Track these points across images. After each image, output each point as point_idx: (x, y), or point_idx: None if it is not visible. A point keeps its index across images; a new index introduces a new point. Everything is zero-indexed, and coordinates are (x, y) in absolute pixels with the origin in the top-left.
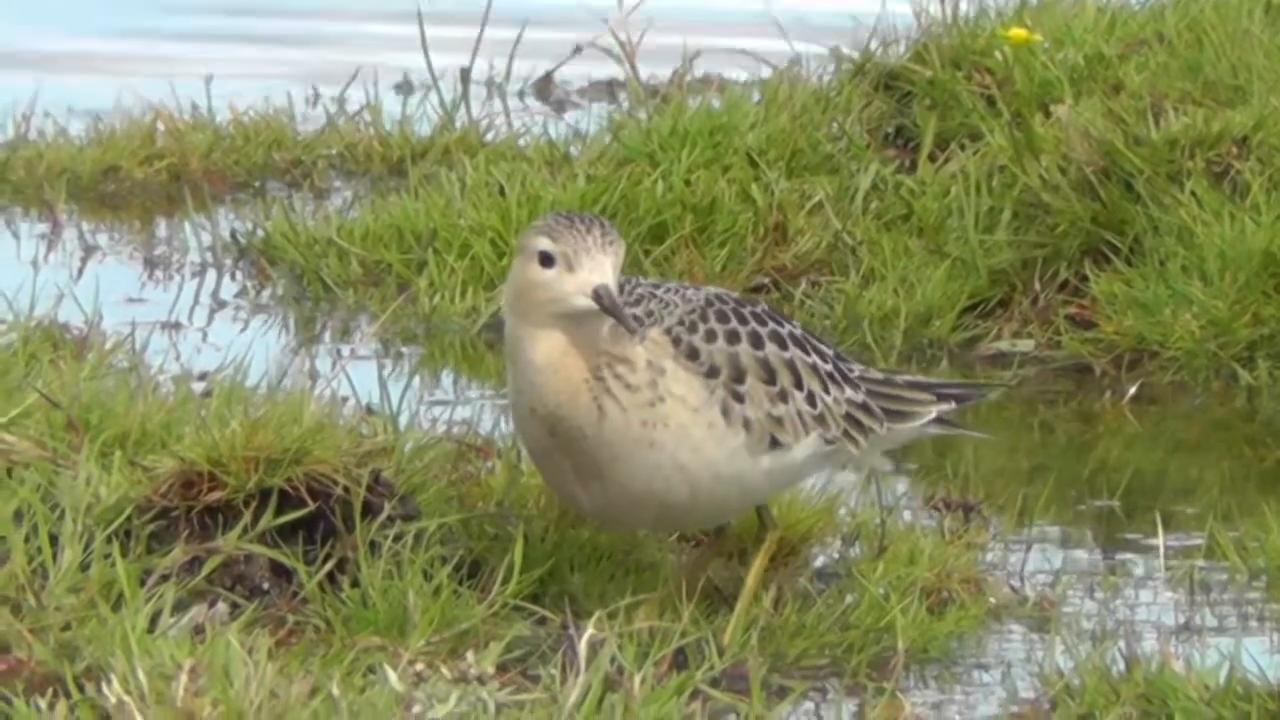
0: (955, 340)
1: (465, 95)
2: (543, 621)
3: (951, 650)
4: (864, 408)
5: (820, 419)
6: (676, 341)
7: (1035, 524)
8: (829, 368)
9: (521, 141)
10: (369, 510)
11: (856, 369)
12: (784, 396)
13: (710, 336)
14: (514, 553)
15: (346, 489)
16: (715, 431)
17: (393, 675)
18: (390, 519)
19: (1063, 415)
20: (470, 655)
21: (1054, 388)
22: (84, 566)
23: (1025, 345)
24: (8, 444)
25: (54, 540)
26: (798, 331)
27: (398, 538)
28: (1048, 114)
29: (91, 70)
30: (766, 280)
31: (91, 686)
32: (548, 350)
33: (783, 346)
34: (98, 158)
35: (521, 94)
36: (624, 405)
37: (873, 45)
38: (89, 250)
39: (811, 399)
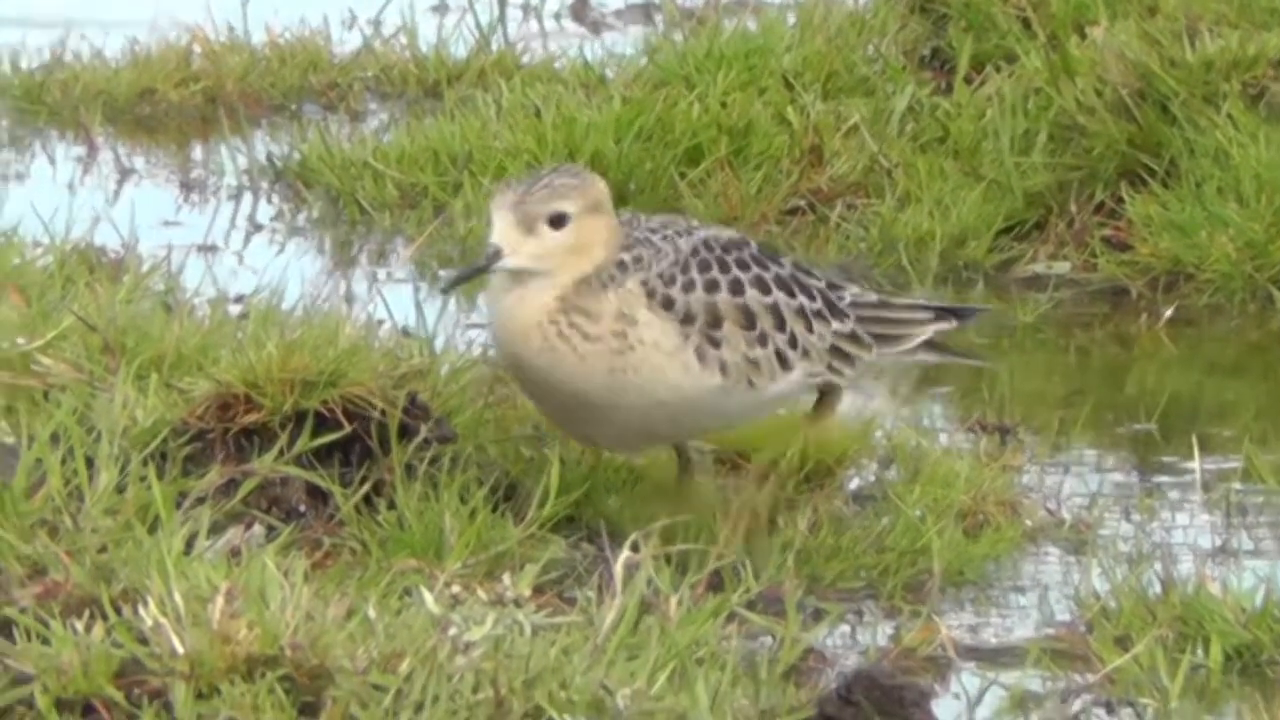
0: (990, 263)
1: (501, 17)
2: (578, 544)
3: (987, 573)
4: (851, 337)
5: (805, 354)
6: (651, 294)
7: (1072, 447)
8: (816, 304)
9: (557, 64)
10: (405, 433)
11: (849, 295)
12: (763, 340)
13: (689, 286)
14: (550, 475)
15: (383, 411)
16: (690, 373)
17: (429, 597)
18: (426, 441)
19: (1099, 338)
20: (506, 578)
21: (1090, 310)
22: (120, 489)
23: (1061, 268)
24: (44, 367)
25: (90, 463)
26: (784, 272)
27: (434, 460)
28: (1083, 36)
29: None
30: (802, 203)
31: (128, 609)
32: (506, 299)
33: (764, 291)
34: (133, 80)
35: (558, 16)
36: (581, 353)
37: None
38: (125, 173)
39: (794, 340)
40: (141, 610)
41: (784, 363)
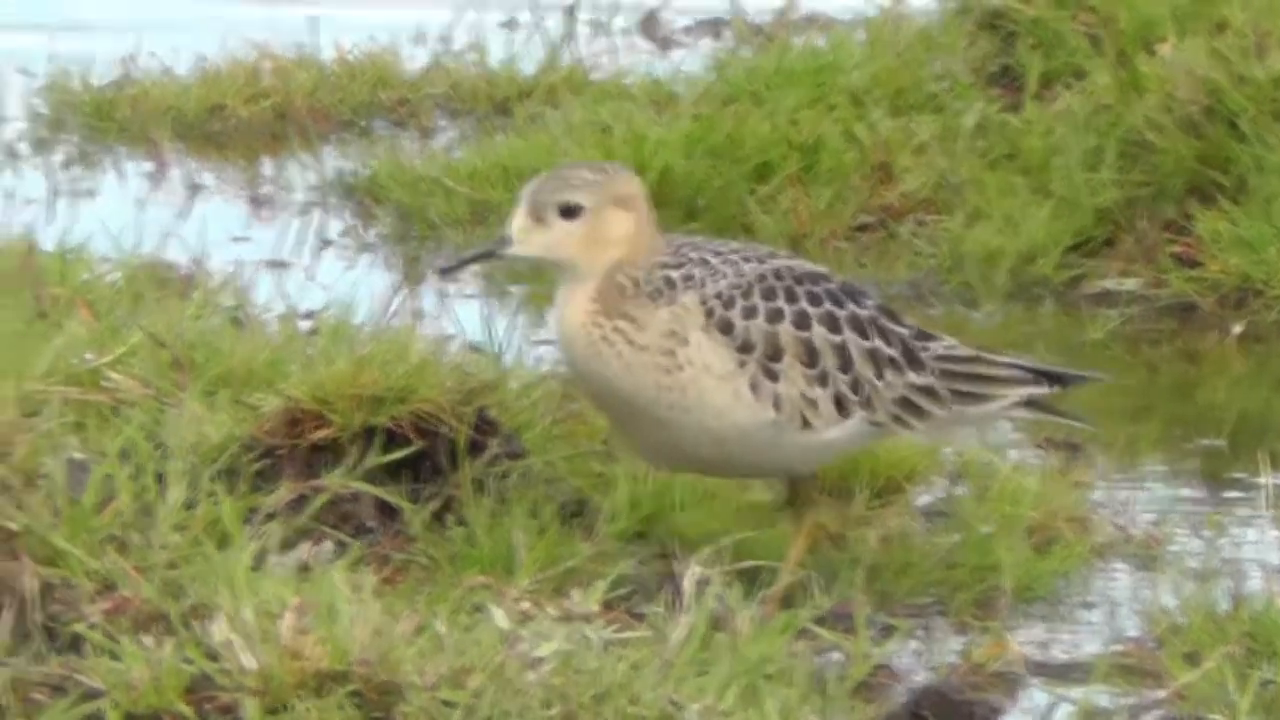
0: (1060, 279)
1: (571, 33)
2: (648, 560)
3: (1057, 589)
4: (926, 391)
5: (866, 403)
6: (710, 313)
7: (1141, 462)
8: (893, 351)
9: (627, 80)
10: (474, 448)
11: (938, 347)
12: (824, 379)
13: (749, 313)
14: (619, 491)
15: (452, 427)
16: (742, 401)
17: (498, 613)
18: (495, 457)
19: (1167, 354)
20: (575, 593)
21: (1158, 326)
22: (189, 505)
23: (1130, 284)
24: (113, 383)
25: (159, 479)
26: (863, 313)
27: (503, 476)
28: (1152, 53)
29: (197, 7)
30: (871, 219)
31: (197, 624)
32: (559, 300)
33: (834, 330)
34: (203, 96)
35: (627, 32)
36: (627, 361)
37: None
38: (194, 189)
39: (857, 385)
40: (211, 626)
41: (842, 407)
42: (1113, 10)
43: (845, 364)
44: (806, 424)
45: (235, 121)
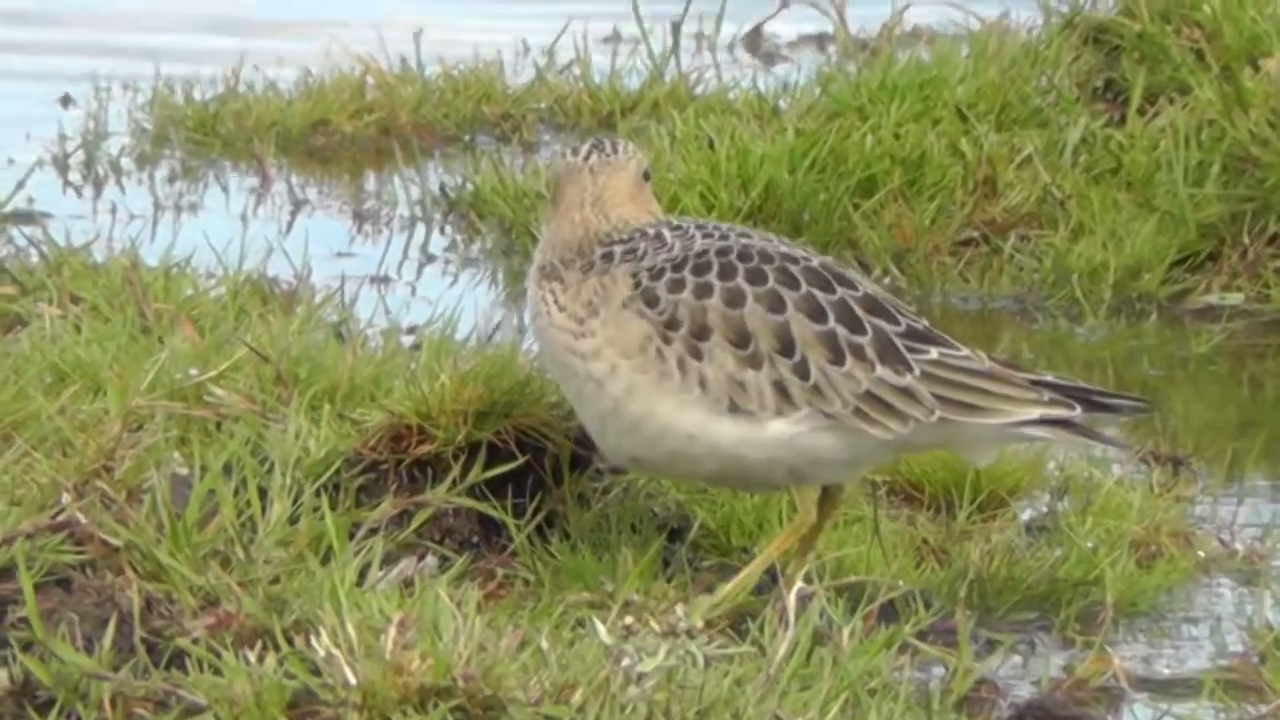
0: (1164, 294)
1: (675, 48)
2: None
3: (1160, 604)
4: (904, 392)
5: (815, 390)
6: (637, 284)
7: (1245, 477)
8: (861, 340)
9: (731, 95)
10: (577, 463)
11: (935, 352)
12: (755, 361)
13: (675, 286)
14: (721, 506)
15: (555, 442)
16: (664, 384)
17: (602, 628)
18: (599, 472)
19: (1271, 368)
20: (679, 609)
21: (1263, 341)
22: (293, 520)
23: (1234, 299)
24: (217, 398)
25: (263, 494)
26: (831, 298)
27: (606, 491)
28: (1256, 68)
29: (302, 22)
30: (975, 234)
31: (300, 639)
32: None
33: (777, 310)
34: (307, 111)
35: (731, 47)
36: (554, 323)
37: None
38: (298, 204)
39: (804, 369)
40: (314, 641)
41: (785, 395)
42: (1218, 25)
43: (786, 348)
44: (736, 408)
45: (339, 136)
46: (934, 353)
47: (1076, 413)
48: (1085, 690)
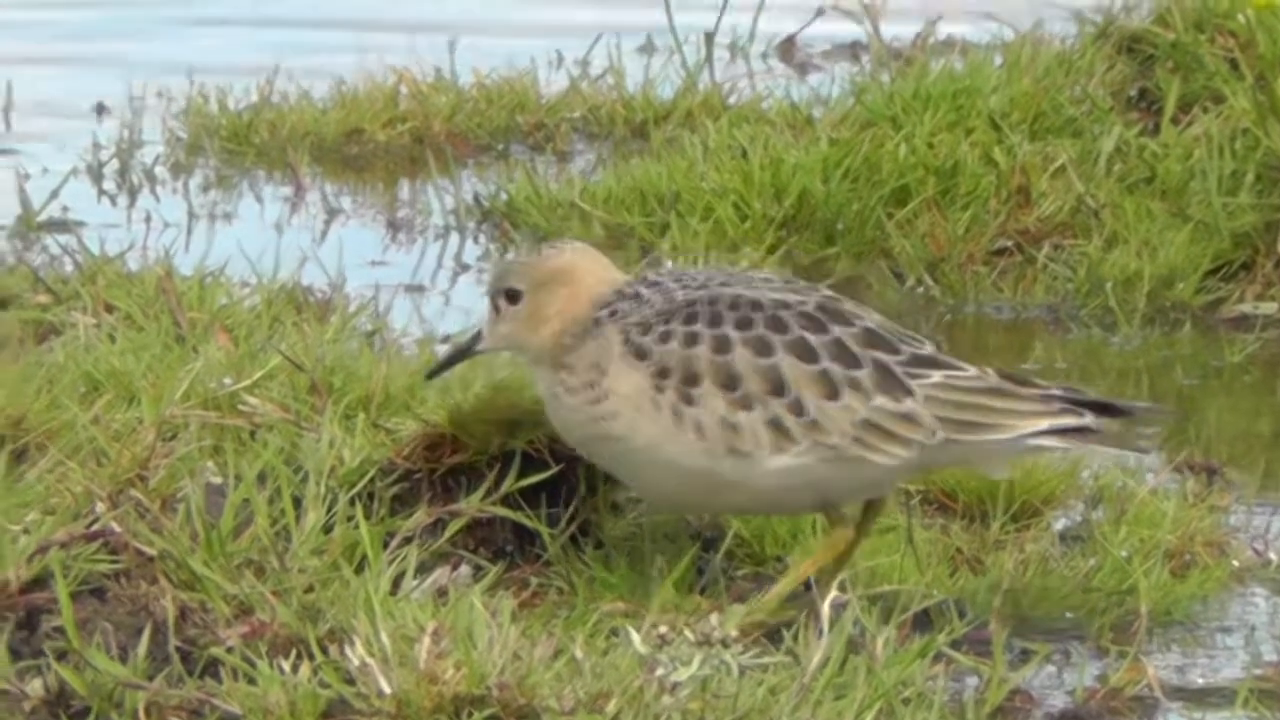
0: (1198, 303)
1: (709, 57)
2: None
3: (1194, 613)
4: (904, 417)
5: (814, 425)
6: (626, 341)
7: (1279, 486)
8: (857, 374)
9: (764, 104)
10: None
11: (939, 375)
12: (746, 403)
13: (664, 338)
14: (755, 516)
15: None
16: (668, 432)
17: (636, 637)
18: None
19: None
20: (713, 618)
21: None
22: (327, 529)
23: (1268, 308)
24: (251, 406)
25: (297, 503)
26: (824, 339)
27: (640, 500)
28: None
29: (335, 32)
30: (1009, 243)
31: (334, 648)
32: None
33: (764, 354)
34: (341, 120)
35: (765, 56)
36: (569, 404)
37: (1115, 8)
38: (332, 213)
39: (799, 407)
40: (348, 650)
41: (783, 432)
42: (1251, 34)
43: (777, 388)
44: (737, 453)
45: (373, 146)
46: (937, 376)
47: (1086, 420)
48: (1119, 700)
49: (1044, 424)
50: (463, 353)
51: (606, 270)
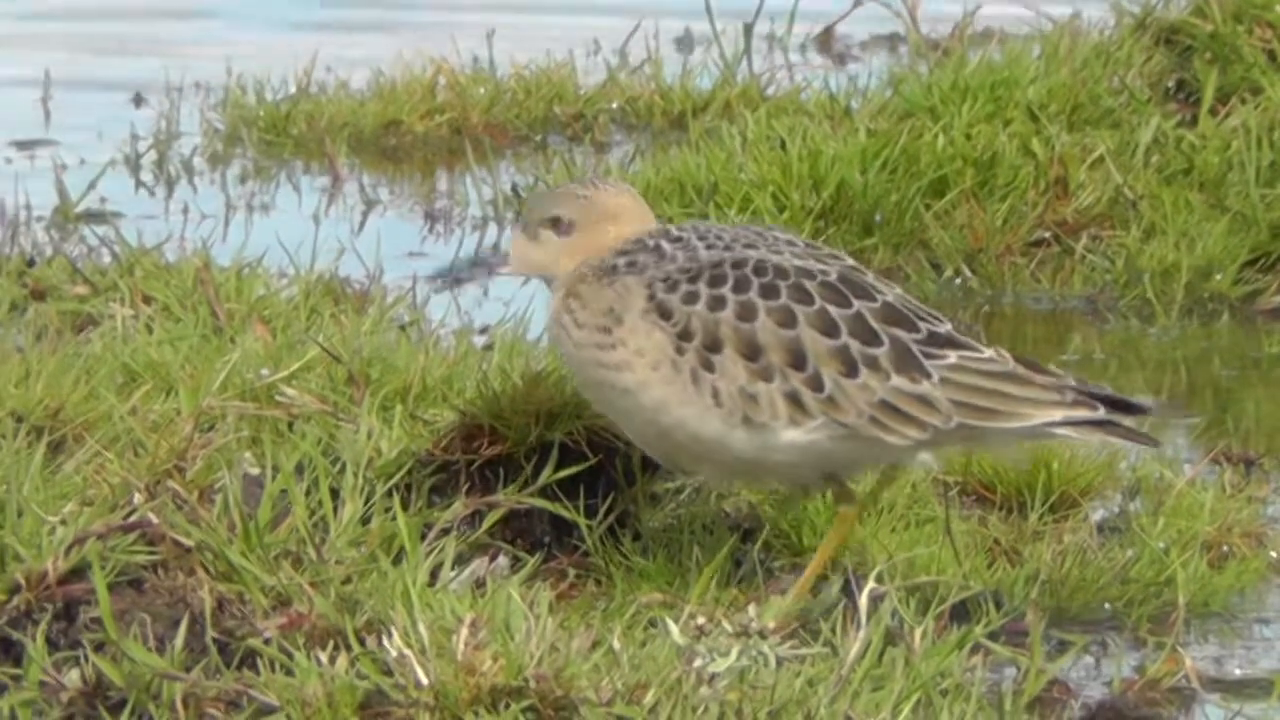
0: (1236, 294)
1: (747, 49)
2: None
3: (1232, 604)
4: (921, 399)
5: (830, 401)
6: (651, 297)
7: None
8: (876, 351)
9: (803, 95)
10: (649, 463)
11: (955, 356)
12: (767, 374)
13: (690, 299)
14: (792, 507)
15: (626, 442)
16: (684, 393)
17: (674, 628)
18: (670, 472)
19: None
20: (751, 609)
21: None
22: (364, 520)
23: None
24: (289, 398)
25: (335, 494)
26: (847, 312)
27: (678, 491)
28: None
29: (374, 25)
30: (1047, 235)
31: (372, 640)
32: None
33: (788, 325)
34: (379, 111)
35: (803, 48)
36: (576, 341)
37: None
38: (370, 204)
39: (817, 381)
40: (386, 641)
41: (800, 406)
42: None
43: (798, 361)
44: (750, 422)
45: (411, 137)
46: (953, 357)
47: (1100, 414)
48: (1157, 691)
49: (1058, 415)
50: (481, 264)
51: (648, 216)
